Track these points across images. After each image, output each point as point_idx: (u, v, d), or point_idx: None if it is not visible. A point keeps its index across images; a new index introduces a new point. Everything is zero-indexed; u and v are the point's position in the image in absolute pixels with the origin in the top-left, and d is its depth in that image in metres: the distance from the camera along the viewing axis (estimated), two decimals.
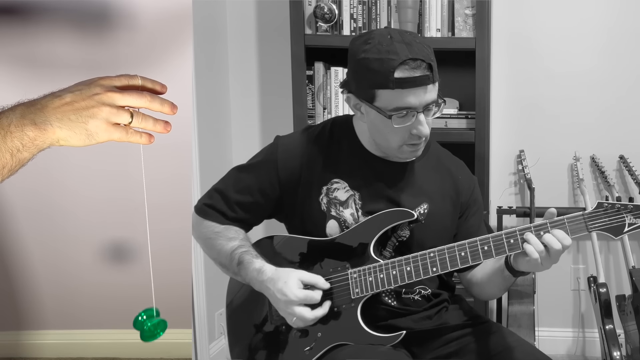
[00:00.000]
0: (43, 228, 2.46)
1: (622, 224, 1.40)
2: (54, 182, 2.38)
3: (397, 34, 1.41)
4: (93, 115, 1.02)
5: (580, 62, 2.62)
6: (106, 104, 1.03)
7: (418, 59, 1.38)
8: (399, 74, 1.38)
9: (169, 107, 1.10)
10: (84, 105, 1.02)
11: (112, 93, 1.04)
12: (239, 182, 1.61)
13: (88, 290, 2.51)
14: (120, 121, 1.05)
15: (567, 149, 2.64)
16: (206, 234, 1.62)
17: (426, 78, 1.39)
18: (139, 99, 1.07)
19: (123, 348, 2.55)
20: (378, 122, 1.46)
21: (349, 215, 1.53)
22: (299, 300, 1.44)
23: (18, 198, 2.41)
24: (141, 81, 1.10)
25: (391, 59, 1.38)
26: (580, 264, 2.75)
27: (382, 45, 1.39)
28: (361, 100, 1.46)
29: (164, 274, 2.46)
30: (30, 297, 2.52)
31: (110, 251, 2.48)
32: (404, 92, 1.39)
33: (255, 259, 1.52)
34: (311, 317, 1.45)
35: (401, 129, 1.44)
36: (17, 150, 1.00)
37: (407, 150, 1.50)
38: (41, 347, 2.56)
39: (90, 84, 1.06)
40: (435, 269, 1.46)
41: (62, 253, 2.48)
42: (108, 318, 2.55)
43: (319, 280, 1.48)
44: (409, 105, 1.40)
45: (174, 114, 1.10)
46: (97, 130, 1.04)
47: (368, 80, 1.42)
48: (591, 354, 2.78)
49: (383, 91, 1.41)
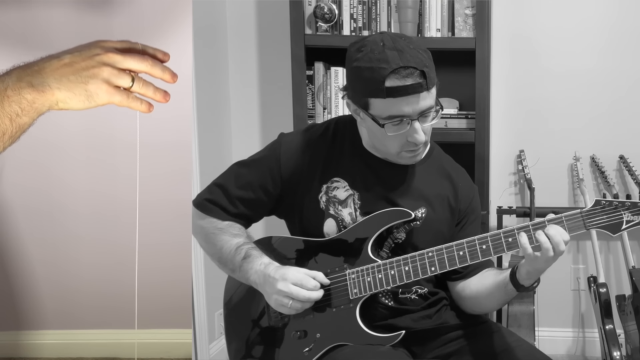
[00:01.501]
0: (42, 227, 2.46)
1: (620, 221, 1.40)
2: (54, 180, 2.38)
3: (390, 40, 1.40)
4: (93, 76, 1.00)
5: (580, 62, 2.62)
6: (107, 64, 1.01)
7: (409, 67, 1.36)
8: (390, 83, 1.36)
9: (169, 74, 1.07)
10: (84, 66, 1.00)
11: (113, 54, 1.02)
12: (240, 177, 1.60)
13: (88, 289, 2.52)
14: (121, 83, 1.02)
15: (567, 149, 2.64)
16: (208, 229, 1.61)
17: (418, 86, 1.37)
18: (140, 62, 1.04)
19: (123, 348, 2.55)
20: (375, 129, 1.46)
21: (347, 215, 1.53)
22: (295, 280, 1.44)
23: (18, 197, 2.41)
24: (142, 47, 1.07)
25: (382, 68, 1.36)
26: (580, 264, 2.75)
27: (373, 53, 1.38)
28: (358, 106, 1.47)
29: (163, 271, 2.48)
30: (30, 297, 2.53)
31: (109, 251, 2.48)
32: (395, 100, 1.37)
33: (263, 255, 1.52)
34: (305, 294, 1.43)
35: (396, 137, 1.44)
36: (16, 115, 0.98)
37: (406, 156, 1.50)
38: (41, 347, 2.56)
39: (91, 46, 1.03)
40: (434, 269, 1.46)
41: (61, 252, 2.48)
42: (108, 318, 2.55)
43: (318, 274, 1.48)
44: (402, 114, 1.40)
45: (174, 82, 1.08)
46: (97, 91, 1.00)
47: (361, 89, 1.42)
48: (591, 354, 2.78)
49: (375, 100, 1.40)
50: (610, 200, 1.41)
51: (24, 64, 1.01)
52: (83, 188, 2.42)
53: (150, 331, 2.55)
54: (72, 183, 2.40)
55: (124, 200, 2.42)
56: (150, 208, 2.41)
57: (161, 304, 2.50)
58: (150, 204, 2.41)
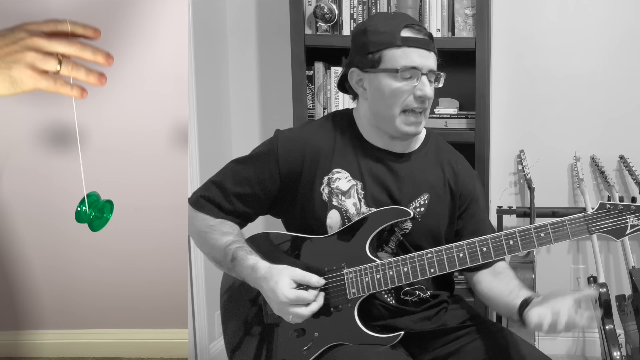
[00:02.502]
0: (42, 228, 2.45)
1: (625, 226, 1.37)
2: (54, 185, 2.38)
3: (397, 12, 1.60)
4: (17, 61, 0.96)
5: (580, 62, 2.62)
6: (31, 49, 0.97)
7: (421, 26, 1.51)
8: (405, 33, 1.47)
9: (102, 56, 1.01)
10: (7, 51, 0.97)
11: (38, 38, 0.98)
12: (237, 173, 1.59)
13: (87, 289, 2.51)
14: (47, 68, 0.98)
15: (567, 149, 2.64)
16: (200, 227, 1.59)
17: (429, 42, 1.49)
18: (67, 46, 0.99)
19: (123, 348, 2.55)
20: (382, 87, 1.48)
21: (351, 205, 1.53)
22: (290, 301, 1.40)
23: (17, 198, 2.41)
24: (71, 27, 1.02)
25: (397, 22, 1.48)
26: (580, 264, 2.75)
27: (386, 16, 1.58)
28: (365, 71, 1.50)
29: (160, 272, 2.47)
30: (30, 297, 2.52)
31: (109, 251, 2.48)
32: (409, 50, 1.46)
33: (250, 255, 1.48)
34: (307, 313, 1.41)
35: (405, 92, 1.47)
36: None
37: (409, 122, 1.50)
38: (40, 347, 2.56)
39: (15, 29, 0.99)
40: (433, 270, 1.46)
41: (61, 253, 2.47)
42: (108, 318, 2.55)
43: (311, 279, 1.43)
44: (414, 64, 1.46)
45: (109, 65, 1.02)
46: (21, 77, 0.97)
47: (374, 43, 1.48)
48: (591, 354, 2.78)
49: (389, 51, 1.47)
50: (615, 203, 1.36)
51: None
52: (81, 192, 2.42)
53: (150, 331, 2.54)
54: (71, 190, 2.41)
55: (123, 201, 2.41)
56: (148, 209, 2.41)
57: (160, 303, 2.50)
58: (149, 205, 2.40)
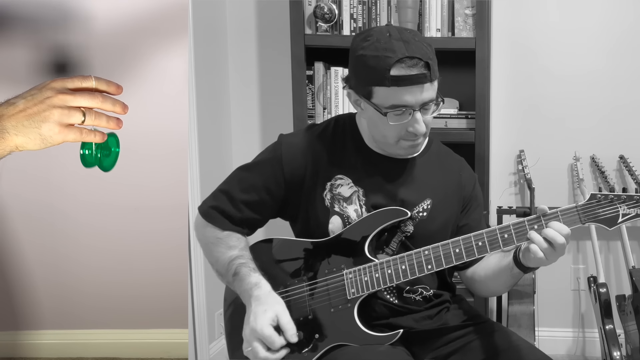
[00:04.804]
0: (41, 228, 2.45)
1: (616, 215, 1.40)
2: (53, 186, 2.38)
3: (396, 31, 1.42)
4: (45, 119, 1.05)
5: (580, 62, 2.62)
6: (57, 107, 1.06)
7: (415, 57, 1.38)
8: (395, 72, 1.38)
9: (120, 107, 1.13)
10: (36, 111, 1.05)
11: (64, 95, 1.07)
12: (243, 181, 1.60)
13: (87, 289, 2.51)
14: (73, 121, 1.08)
15: (567, 149, 2.64)
16: (209, 238, 1.61)
17: (423, 77, 1.39)
18: (91, 100, 1.09)
19: (123, 348, 2.55)
20: (376, 118, 1.47)
21: (352, 212, 1.53)
22: (260, 336, 1.42)
23: (16, 199, 2.41)
24: (95, 82, 1.12)
25: (388, 57, 1.38)
26: (580, 264, 2.75)
27: (380, 42, 1.40)
28: (360, 96, 1.48)
29: (160, 272, 2.47)
30: (29, 297, 2.52)
31: (109, 251, 2.48)
32: (399, 89, 1.40)
33: (253, 272, 1.51)
34: (262, 356, 1.43)
35: (397, 127, 1.45)
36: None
37: (405, 146, 1.50)
38: (40, 347, 2.56)
39: (42, 88, 1.08)
40: (430, 267, 1.46)
41: (60, 253, 2.47)
42: (107, 318, 2.55)
43: (289, 331, 1.44)
44: (405, 104, 1.41)
45: (125, 113, 1.14)
46: (50, 134, 1.06)
47: (365, 77, 1.43)
48: (591, 354, 2.78)
49: (379, 88, 1.42)
50: (605, 193, 1.41)
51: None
52: (81, 193, 2.42)
53: (150, 331, 2.55)
54: (70, 190, 2.41)
55: (123, 202, 2.42)
56: (148, 210, 2.41)
57: (160, 305, 2.50)
58: (148, 206, 2.41)
